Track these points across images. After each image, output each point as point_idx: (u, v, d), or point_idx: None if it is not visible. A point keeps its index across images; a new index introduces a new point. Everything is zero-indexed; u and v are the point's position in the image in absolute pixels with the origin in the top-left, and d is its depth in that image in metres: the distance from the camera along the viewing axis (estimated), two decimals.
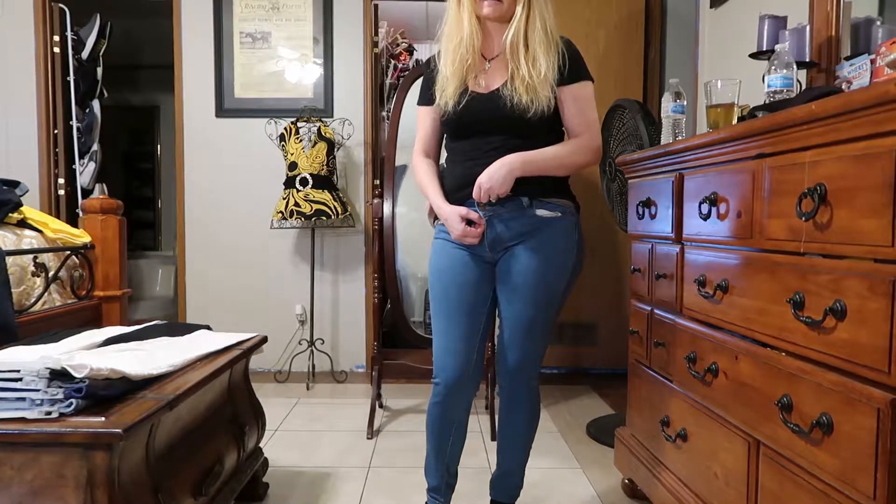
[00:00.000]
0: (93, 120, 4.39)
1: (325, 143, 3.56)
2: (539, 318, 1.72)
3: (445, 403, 1.75)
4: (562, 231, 1.71)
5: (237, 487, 1.92)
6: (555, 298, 1.73)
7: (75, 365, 1.28)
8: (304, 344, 3.88)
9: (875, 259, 1.01)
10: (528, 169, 1.66)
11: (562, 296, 1.76)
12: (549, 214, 1.70)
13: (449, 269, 1.76)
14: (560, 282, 1.73)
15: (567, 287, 1.76)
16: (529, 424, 1.88)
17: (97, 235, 2.54)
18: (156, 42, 5.63)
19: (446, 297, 1.75)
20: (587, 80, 1.72)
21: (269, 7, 3.87)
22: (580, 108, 1.71)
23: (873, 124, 1.00)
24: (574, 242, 1.73)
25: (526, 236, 1.70)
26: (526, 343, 1.74)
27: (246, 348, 1.98)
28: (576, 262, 1.75)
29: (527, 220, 1.69)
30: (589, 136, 1.72)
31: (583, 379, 3.84)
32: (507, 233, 1.70)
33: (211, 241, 3.96)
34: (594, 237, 3.85)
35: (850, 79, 1.86)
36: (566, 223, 1.73)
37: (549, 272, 1.70)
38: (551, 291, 1.72)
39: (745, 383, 1.40)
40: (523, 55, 1.65)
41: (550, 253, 1.70)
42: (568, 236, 1.72)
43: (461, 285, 1.74)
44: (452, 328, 1.73)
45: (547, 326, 1.76)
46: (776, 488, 1.28)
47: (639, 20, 3.79)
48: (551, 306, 1.74)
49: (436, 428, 1.79)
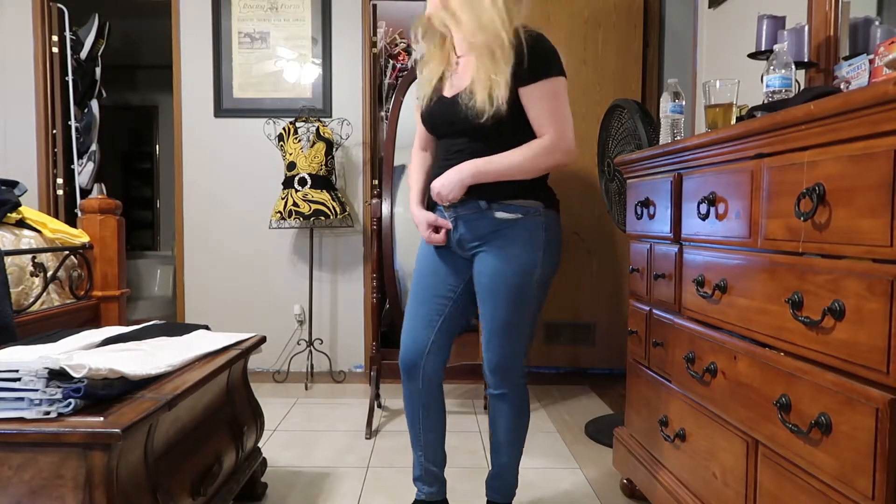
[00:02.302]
0: (91, 120, 4.39)
1: (323, 143, 3.56)
2: (510, 319, 1.73)
3: (408, 386, 1.85)
4: (524, 232, 1.70)
5: (236, 487, 1.92)
6: (525, 299, 1.72)
7: (74, 365, 1.28)
8: (303, 344, 3.88)
9: (873, 259, 1.01)
10: (480, 178, 1.67)
11: (535, 295, 1.73)
12: (510, 216, 1.69)
13: (422, 259, 1.87)
14: (527, 282, 1.71)
15: (540, 286, 1.74)
16: (517, 424, 1.87)
17: (96, 235, 2.54)
18: (154, 42, 5.63)
19: (417, 284, 1.86)
20: (552, 76, 1.65)
21: (267, 7, 3.87)
22: (543, 107, 1.66)
23: (872, 124, 1.00)
24: (541, 242, 1.70)
25: (489, 237, 1.71)
26: (500, 343, 1.75)
27: (244, 348, 1.98)
28: (546, 261, 1.72)
29: (488, 223, 1.70)
30: (553, 137, 1.66)
31: (581, 379, 3.84)
32: (469, 234, 1.74)
33: (210, 241, 3.96)
34: (593, 237, 3.85)
35: (849, 79, 1.86)
36: (530, 224, 1.70)
37: (512, 274, 1.69)
38: (518, 292, 1.71)
39: (743, 383, 1.40)
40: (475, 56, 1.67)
41: (513, 254, 1.69)
42: (532, 236, 1.70)
43: (428, 275, 1.84)
44: (414, 313, 1.84)
45: (521, 327, 1.75)
46: (775, 488, 1.28)
47: (637, 20, 3.79)
48: (522, 307, 1.72)
49: (407, 412, 1.89)
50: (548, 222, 1.72)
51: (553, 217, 1.74)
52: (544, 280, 1.73)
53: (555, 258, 1.75)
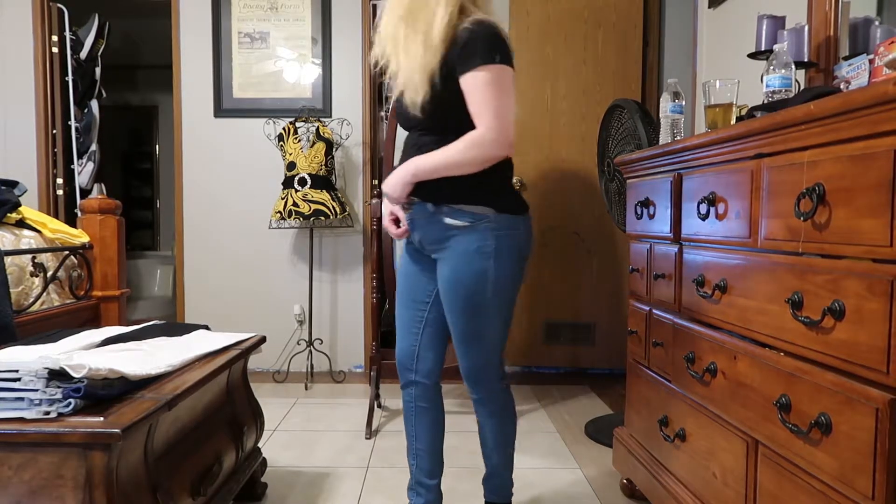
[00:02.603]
0: (91, 120, 4.39)
1: (323, 143, 3.56)
2: (469, 329, 1.70)
3: (404, 387, 1.86)
4: (473, 240, 1.63)
5: (235, 487, 1.92)
6: (481, 309, 1.67)
7: (74, 365, 1.28)
8: (303, 344, 3.88)
9: (873, 259, 1.01)
10: (419, 175, 1.63)
11: (494, 305, 1.67)
12: (458, 223, 1.64)
13: (403, 260, 1.87)
14: (480, 292, 1.65)
15: (498, 295, 1.67)
16: (500, 429, 1.84)
17: (96, 235, 2.54)
18: (154, 42, 5.64)
19: (398, 287, 1.88)
20: (486, 65, 1.55)
21: (267, 7, 3.87)
22: (475, 98, 1.57)
23: (872, 124, 1.00)
24: (490, 250, 1.63)
25: (442, 244, 1.68)
26: (465, 353, 1.74)
27: (244, 348, 1.98)
28: (500, 269, 1.65)
29: (438, 228, 1.67)
30: (482, 129, 1.57)
31: (581, 379, 3.84)
32: (425, 238, 1.71)
33: (209, 241, 3.96)
34: (593, 237, 3.86)
35: (849, 79, 1.86)
36: (478, 232, 1.63)
37: (464, 284, 1.65)
38: (473, 303, 1.66)
39: (743, 383, 1.40)
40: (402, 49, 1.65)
41: (463, 264, 1.65)
42: (481, 245, 1.63)
43: (407, 276, 1.85)
44: (399, 318, 1.86)
45: (484, 336, 1.71)
46: (774, 488, 1.28)
47: (637, 20, 3.79)
48: (480, 317, 1.68)
49: (403, 413, 1.90)
50: (499, 229, 1.64)
51: (507, 222, 1.66)
52: (501, 289, 1.67)
53: (508, 266, 1.67)
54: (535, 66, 3.80)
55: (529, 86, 3.81)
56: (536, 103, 3.83)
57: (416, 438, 1.86)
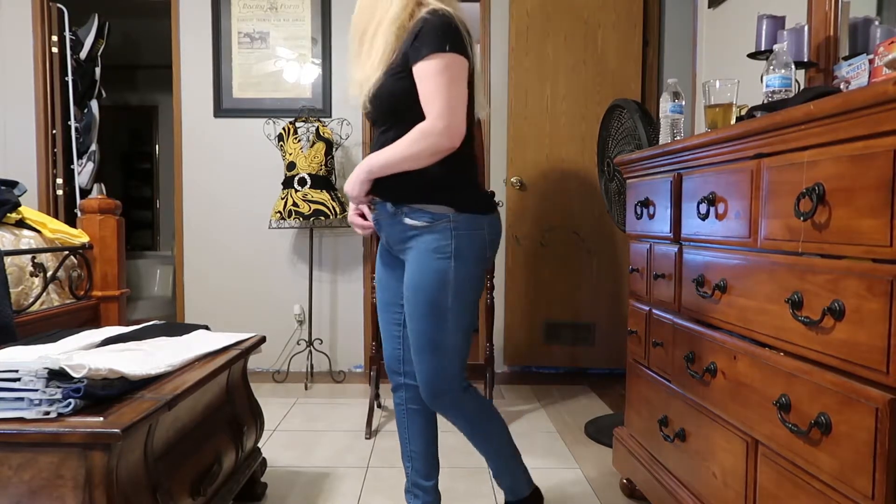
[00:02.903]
0: (91, 120, 4.39)
1: (323, 143, 3.56)
2: (428, 333, 1.63)
3: (394, 390, 1.85)
4: (432, 240, 1.60)
5: (235, 487, 1.92)
6: (438, 313, 1.61)
7: (74, 365, 1.28)
8: (303, 344, 3.88)
9: (873, 259, 1.01)
10: (374, 171, 1.60)
11: (452, 308, 1.61)
12: (417, 224, 1.61)
13: (378, 261, 1.85)
14: (438, 295, 1.60)
15: (457, 298, 1.61)
16: (478, 431, 1.77)
17: (95, 235, 2.54)
18: (154, 42, 5.64)
19: (377, 289, 1.85)
20: (431, 54, 1.52)
21: (267, 7, 3.87)
22: (422, 89, 1.54)
23: (871, 124, 1.00)
24: (449, 250, 1.59)
25: (404, 244, 1.66)
26: (421, 360, 1.66)
27: (244, 348, 1.98)
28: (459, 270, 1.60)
29: (400, 229, 1.64)
30: (430, 119, 1.53)
31: (581, 379, 3.84)
32: (390, 239, 1.70)
33: (209, 241, 3.96)
34: (593, 237, 3.86)
35: (849, 79, 1.86)
36: (437, 232, 1.59)
37: (421, 286, 1.61)
38: (430, 306, 1.61)
39: (743, 383, 1.40)
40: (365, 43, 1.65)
41: (422, 265, 1.61)
42: (440, 245, 1.59)
43: (378, 279, 1.84)
44: (380, 321, 1.84)
45: (440, 343, 1.63)
46: (774, 488, 1.28)
47: (637, 20, 3.79)
48: (436, 321, 1.61)
49: (396, 416, 1.88)
50: (458, 228, 1.59)
51: (467, 222, 1.61)
52: (460, 291, 1.61)
53: (470, 267, 1.62)
54: (535, 66, 3.80)
55: (529, 86, 3.81)
56: (536, 103, 3.83)
57: (410, 441, 1.84)
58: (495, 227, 1.69)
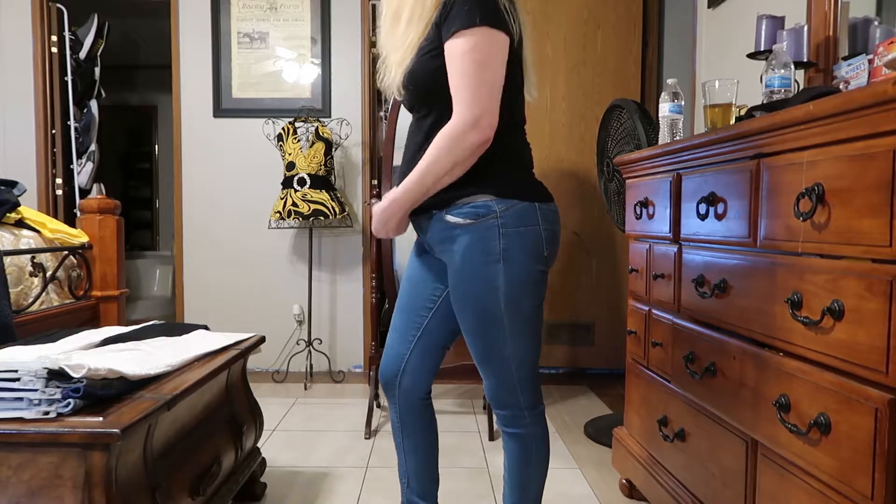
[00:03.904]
0: (90, 120, 4.39)
1: (322, 143, 3.56)
2: (484, 346, 1.45)
3: (389, 399, 1.65)
4: (477, 241, 1.39)
5: (235, 487, 1.92)
6: (493, 321, 1.42)
7: (73, 365, 1.28)
8: (302, 344, 3.88)
9: (873, 259, 1.01)
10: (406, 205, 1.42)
11: (507, 315, 1.41)
12: (461, 221, 1.40)
13: (410, 261, 1.66)
14: (490, 303, 1.40)
15: (512, 304, 1.40)
16: (521, 470, 1.55)
17: (95, 235, 2.54)
18: (153, 42, 5.64)
19: (401, 289, 1.66)
20: (464, 29, 1.29)
21: (266, 7, 3.87)
22: (450, 72, 1.33)
23: (871, 124, 1.00)
24: (497, 252, 1.38)
25: (446, 245, 1.45)
26: (484, 370, 1.49)
27: (244, 348, 1.98)
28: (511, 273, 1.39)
29: (441, 227, 1.44)
30: (456, 115, 1.33)
31: (580, 379, 3.84)
32: (431, 238, 1.49)
33: (209, 241, 3.96)
34: (592, 237, 3.86)
35: (848, 79, 1.86)
36: (482, 230, 1.38)
37: (469, 293, 1.42)
38: (482, 315, 1.42)
39: (742, 383, 1.40)
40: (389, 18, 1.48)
41: (467, 269, 1.41)
42: (486, 246, 1.38)
43: (408, 279, 1.64)
44: (395, 323, 1.63)
45: (502, 354, 1.44)
46: (774, 488, 1.28)
47: (636, 20, 3.79)
48: (493, 331, 1.42)
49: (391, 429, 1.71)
50: (506, 226, 1.38)
51: (517, 217, 1.39)
52: (515, 299, 1.40)
53: (524, 269, 1.40)
54: (535, 66, 3.79)
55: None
56: (536, 103, 3.82)
57: (406, 454, 1.68)
58: (551, 219, 1.44)
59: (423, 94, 1.42)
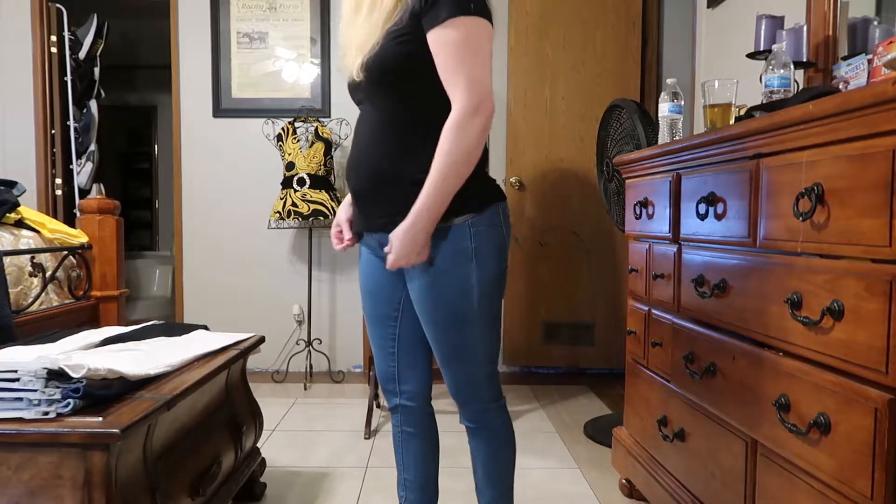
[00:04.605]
0: (90, 120, 4.38)
1: (322, 143, 3.56)
2: (455, 343, 1.44)
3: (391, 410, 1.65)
4: (447, 243, 1.38)
5: (235, 487, 1.92)
6: (465, 319, 1.42)
7: (73, 365, 1.28)
8: (302, 344, 3.88)
9: (872, 259, 1.01)
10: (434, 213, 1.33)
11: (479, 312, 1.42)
12: None
13: (362, 274, 1.61)
14: (465, 302, 1.41)
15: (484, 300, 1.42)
16: (494, 457, 1.56)
17: (94, 235, 2.54)
18: (153, 42, 5.63)
19: (364, 302, 1.62)
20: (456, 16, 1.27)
21: (266, 7, 3.86)
22: (443, 61, 1.30)
23: (871, 124, 1.00)
24: (469, 251, 1.39)
25: None
26: (451, 370, 1.48)
27: (243, 348, 1.98)
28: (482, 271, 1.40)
29: None
30: (457, 105, 1.30)
31: (580, 379, 3.84)
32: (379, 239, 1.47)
33: (208, 241, 3.96)
34: (592, 237, 3.86)
35: (848, 79, 1.86)
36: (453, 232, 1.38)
37: (441, 292, 1.41)
38: (456, 312, 1.42)
39: (742, 383, 1.40)
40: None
41: (439, 272, 1.40)
42: (458, 246, 1.38)
43: (366, 292, 1.60)
44: (371, 336, 1.62)
45: (474, 348, 1.45)
46: (773, 488, 1.28)
47: (636, 20, 3.79)
48: (466, 326, 1.43)
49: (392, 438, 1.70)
50: (477, 225, 1.40)
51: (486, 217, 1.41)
52: (485, 295, 1.42)
53: (493, 267, 1.42)
54: (534, 66, 3.80)
55: (528, 86, 3.81)
56: (535, 103, 3.83)
57: (405, 468, 1.66)
58: (507, 216, 1.48)
59: (383, 78, 1.37)
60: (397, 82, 1.37)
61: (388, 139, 1.40)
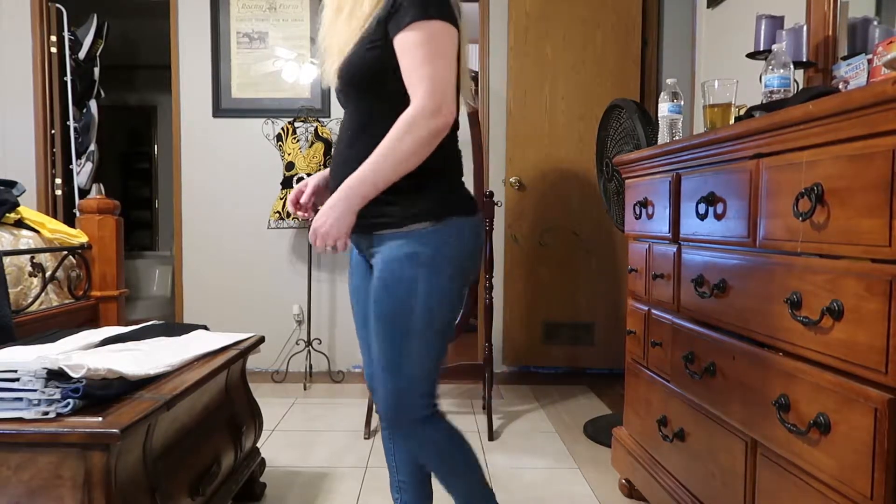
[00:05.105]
0: (90, 120, 4.39)
1: (322, 143, 3.56)
2: (387, 354, 1.39)
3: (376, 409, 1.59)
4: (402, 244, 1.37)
5: (234, 487, 1.92)
6: (404, 330, 1.37)
7: (72, 365, 1.28)
8: (302, 344, 3.87)
9: (872, 259, 1.01)
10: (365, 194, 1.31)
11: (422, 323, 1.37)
12: None
13: (349, 274, 1.61)
14: (404, 308, 1.36)
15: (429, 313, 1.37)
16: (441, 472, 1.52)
17: (94, 235, 2.54)
18: (153, 42, 5.63)
19: (351, 304, 1.62)
20: (417, 21, 1.29)
21: (266, 7, 3.86)
22: (404, 64, 1.32)
23: (870, 124, 1.00)
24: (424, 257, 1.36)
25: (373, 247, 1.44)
26: (381, 379, 1.42)
27: (243, 348, 1.98)
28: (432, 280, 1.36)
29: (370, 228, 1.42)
30: (414, 103, 1.30)
31: (580, 379, 3.84)
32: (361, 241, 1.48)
33: (208, 240, 3.95)
34: (591, 237, 3.86)
35: (848, 78, 1.86)
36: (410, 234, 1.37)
37: (387, 297, 1.37)
38: (394, 321, 1.38)
39: (742, 383, 1.40)
40: None
41: (387, 273, 1.38)
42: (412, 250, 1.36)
43: (352, 291, 1.60)
44: (360, 341, 1.61)
45: (401, 366, 1.38)
46: (773, 488, 1.28)
47: (636, 20, 3.79)
48: (402, 340, 1.37)
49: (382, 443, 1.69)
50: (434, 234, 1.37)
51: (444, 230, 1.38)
52: (429, 308, 1.37)
53: (445, 280, 1.38)
54: (534, 66, 3.80)
55: (528, 86, 3.81)
56: (535, 103, 3.83)
57: (397, 470, 1.63)
58: (478, 233, 1.46)
59: (356, 83, 1.40)
60: (370, 87, 1.39)
61: (363, 142, 1.38)
